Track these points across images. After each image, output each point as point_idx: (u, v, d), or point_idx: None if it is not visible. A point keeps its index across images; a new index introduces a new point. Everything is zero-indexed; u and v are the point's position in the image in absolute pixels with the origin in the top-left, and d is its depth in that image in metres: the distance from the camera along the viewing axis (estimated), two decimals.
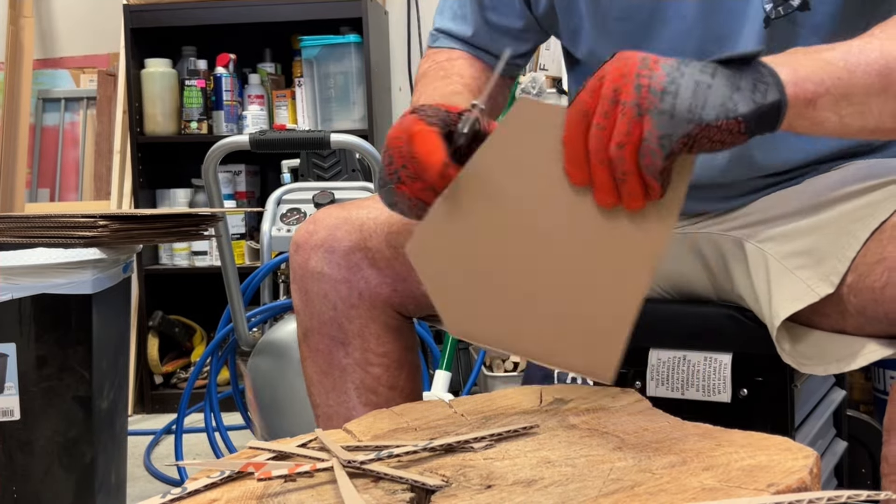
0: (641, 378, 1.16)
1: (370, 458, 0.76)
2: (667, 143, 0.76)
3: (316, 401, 1.18)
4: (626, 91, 0.77)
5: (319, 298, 1.14)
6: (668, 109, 0.76)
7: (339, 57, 3.12)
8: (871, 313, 0.98)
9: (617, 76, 0.77)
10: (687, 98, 0.76)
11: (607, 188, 0.79)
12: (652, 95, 0.76)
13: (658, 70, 0.77)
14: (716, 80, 0.78)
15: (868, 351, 1.00)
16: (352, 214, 1.16)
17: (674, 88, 0.76)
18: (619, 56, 0.79)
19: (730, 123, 0.78)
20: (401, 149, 0.91)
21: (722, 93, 0.78)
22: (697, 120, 0.77)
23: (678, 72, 0.77)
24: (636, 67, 0.77)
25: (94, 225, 1.69)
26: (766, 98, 0.80)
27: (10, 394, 1.68)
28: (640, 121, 0.76)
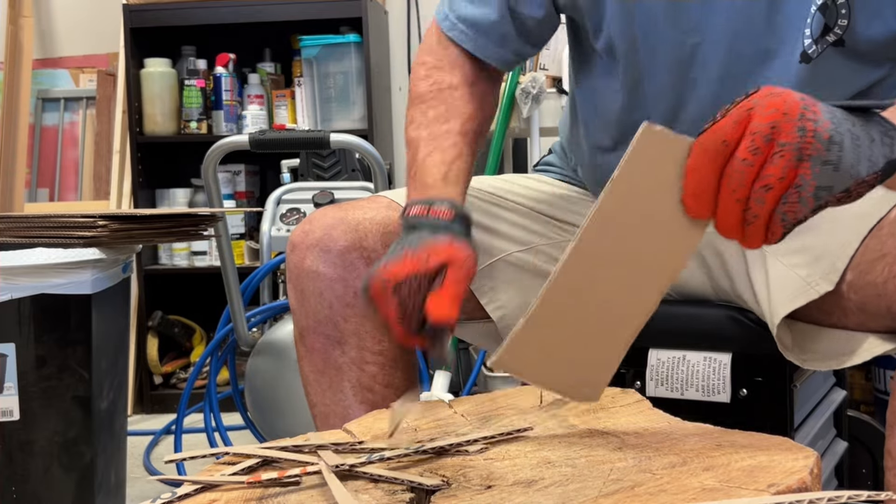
0: (641, 378, 1.16)
1: (361, 460, 0.76)
2: (823, 196, 0.72)
3: (313, 400, 1.18)
4: (788, 132, 0.70)
5: (315, 297, 1.14)
6: (833, 161, 0.71)
7: (338, 57, 3.12)
8: (873, 309, 0.98)
9: (775, 112, 0.71)
10: (850, 151, 0.72)
11: (736, 227, 0.73)
12: (818, 142, 0.70)
13: (821, 115, 0.71)
14: (860, 131, 0.74)
15: (869, 346, 1.00)
16: (348, 215, 1.16)
17: (839, 139, 0.71)
18: (771, 91, 0.72)
19: (873, 177, 0.74)
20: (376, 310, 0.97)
21: (866, 145, 0.74)
22: (856, 175, 0.72)
23: (837, 120, 0.72)
24: (799, 107, 0.71)
25: (94, 225, 1.69)
26: (894, 153, 0.76)
27: (10, 394, 1.68)
28: (797, 166, 0.71)
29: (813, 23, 1.03)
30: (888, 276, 0.95)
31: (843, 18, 1.02)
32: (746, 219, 0.72)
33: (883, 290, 0.96)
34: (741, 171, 0.71)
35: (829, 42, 1.03)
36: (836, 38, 1.03)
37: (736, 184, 0.71)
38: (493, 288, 1.18)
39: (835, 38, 1.03)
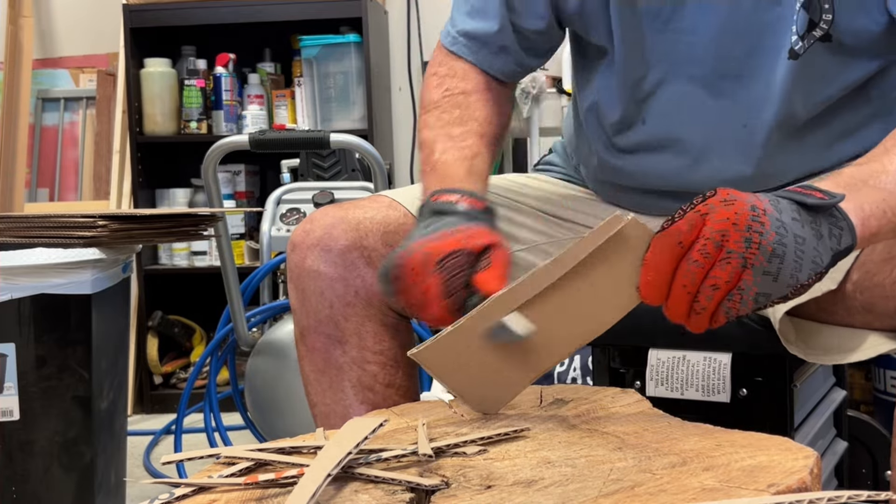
0: (641, 378, 1.16)
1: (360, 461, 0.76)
2: (762, 300, 0.79)
3: (313, 399, 1.18)
4: (735, 241, 0.77)
5: (316, 297, 1.14)
6: (773, 272, 0.78)
7: (338, 57, 3.12)
8: (880, 309, 0.99)
9: (725, 221, 0.77)
10: (790, 263, 0.78)
11: (683, 313, 0.80)
12: (761, 254, 0.77)
13: (768, 226, 0.77)
14: (806, 232, 0.79)
15: (873, 343, 1.01)
16: (348, 214, 1.16)
17: (781, 252, 0.77)
18: (726, 196, 0.79)
19: (816, 277, 0.80)
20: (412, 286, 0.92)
21: (812, 247, 0.79)
22: (794, 283, 0.79)
23: (784, 229, 0.78)
24: (748, 218, 0.77)
25: (94, 225, 1.69)
26: (841, 244, 0.82)
27: (10, 394, 1.68)
28: (741, 272, 0.77)
29: (798, 19, 1.04)
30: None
31: (828, 13, 1.03)
32: (694, 309, 0.80)
33: (891, 291, 0.97)
34: (693, 271, 0.78)
35: (815, 37, 1.04)
36: (822, 34, 1.04)
37: (688, 280, 0.78)
38: None
39: (821, 32, 1.04)
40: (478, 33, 1.19)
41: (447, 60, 1.22)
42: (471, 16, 1.20)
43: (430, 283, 0.91)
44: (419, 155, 1.17)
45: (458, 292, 0.92)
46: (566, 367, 2.38)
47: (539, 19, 1.18)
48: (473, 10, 1.20)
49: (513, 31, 1.18)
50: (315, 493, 0.67)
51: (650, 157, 1.16)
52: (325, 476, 0.69)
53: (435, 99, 1.19)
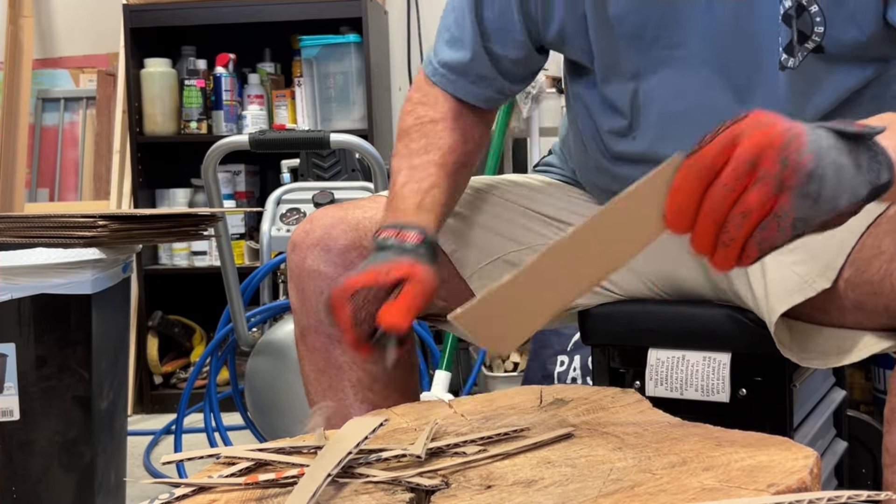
0: (640, 378, 1.16)
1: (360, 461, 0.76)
2: (800, 227, 0.73)
3: (313, 399, 1.19)
4: (771, 162, 0.72)
5: (316, 296, 1.15)
6: (812, 194, 0.72)
7: (338, 57, 3.12)
8: (870, 307, 0.99)
9: (761, 142, 0.72)
10: (831, 185, 0.73)
11: (709, 245, 0.75)
12: (799, 175, 0.72)
13: (805, 147, 0.72)
14: (845, 160, 0.74)
15: (866, 344, 1.01)
16: (348, 214, 1.17)
17: (821, 172, 0.72)
18: (760, 118, 0.74)
19: (854, 206, 0.75)
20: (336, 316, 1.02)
21: (851, 175, 0.74)
22: (834, 207, 0.74)
23: (823, 151, 0.73)
24: (784, 138, 0.72)
25: (94, 225, 1.69)
26: (880, 178, 0.77)
27: (10, 394, 1.68)
28: (776, 196, 0.72)
29: (781, 35, 1.04)
30: (884, 274, 0.96)
31: (819, 25, 1.03)
32: (722, 241, 0.74)
33: (879, 288, 0.97)
34: (722, 195, 0.73)
35: (809, 49, 1.04)
36: (815, 45, 1.04)
37: (716, 206, 0.73)
38: None
39: (814, 45, 1.04)
40: (454, 63, 1.20)
41: (425, 86, 1.24)
42: (449, 45, 1.21)
43: (343, 314, 1.00)
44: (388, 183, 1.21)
45: (365, 323, 1.00)
46: (566, 368, 2.39)
47: (516, 48, 1.19)
48: (452, 38, 1.21)
49: (489, 60, 1.19)
50: (315, 493, 0.67)
51: (644, 168, 1.16)
52: (325, 476, 0.70)
53: (405, 127, 1.22)
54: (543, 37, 1.17)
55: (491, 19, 1.17)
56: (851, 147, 0.75)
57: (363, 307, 1.00)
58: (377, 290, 1.00)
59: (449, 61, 1.21)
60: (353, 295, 1.00)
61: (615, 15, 1.09)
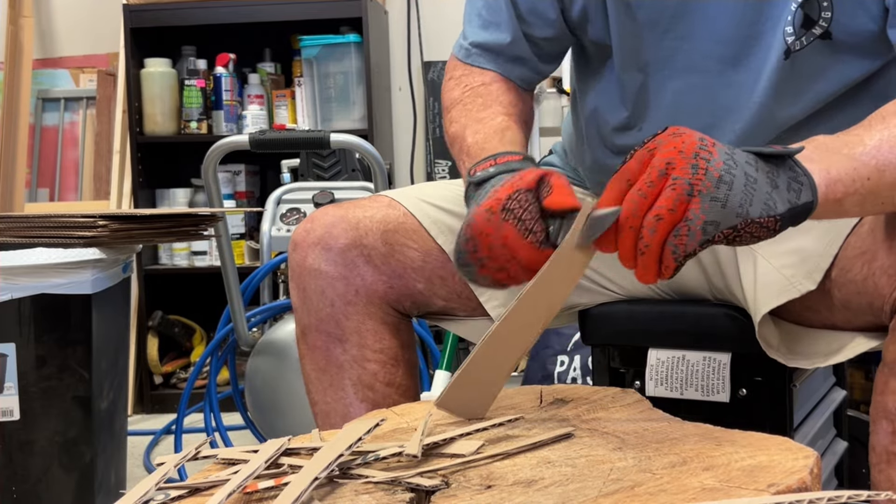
0: (640, 378, 1.16)
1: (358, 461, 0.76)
2: (711, 231, 0.76)
3: (314, 398, 1.19)
4: (681, 168, 0.75)
5: (317, 295, 1.15)
6: (721, 199, 0.75)
7: (338, 57, 3.12)
8: (855, 306, 1.00)
9: (672, 150, 0.76)
10: (739, 191, 0.76)
11: (629, 255, 0.78)
12: (708, 180, 0.75)
13: (716, 155, 0.76)
14: (759, 175, 0.78)
15: (854, 344, 1.02)
16: (348, 213, 1.17)
17: (729, 179, 0.76)
18: (675, 131, 0.78)
19: (769, 220, 0.78)
20: (491, 247, 0.89)
21: (764, 190, 0.78)
22: (745, 215, 0.76)
23: (732, 161, 0.77)
24: (695, 147, 0.76)
25: (94, 225, 1.69)
26: (800, 199, 0.80)
27: (10, 394, 1.68)
28: (687, 201, 0.75)
29: (795, 19, 1.04)
30: (867, 274, 0.97)
31: (827, 10, 1.03)
32: (639, 248, 0.77)
33: (863, 287, 0.98)
34: (635, 200, 0.76)
35: (815, 35, 1.04)
36: (822, 31, 1.04)
37: (630, 212, 0.76)
38: None
39: (821, 30, 1.04)
40: (491, 45, 1.20)
41: (462, 66, 1.22)
42: (484, 28, 1.20)
43: (506, 233, 0.88)
44: (451, 152, 1.16)
45: (536, 226, 0.88)
46: (566, 368, 2.38)
47: (549, 27, 1.18)
48: (486, 22, 1.20)
49: (526, 41, 1.19)
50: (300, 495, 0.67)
51: None
52: (311, 479, 0.70)
53: (456, 97, 1.19)
54: (569, 16, 1.17)
55: (524, 1, 1.17)
56: (769, 167, 0.79)
57: (523, 211, 0.88)
58: (524, 194, 0.89)
59: (484, 42, 1.20)
60: (503, 208, 0.88)
61: (635, 1, 1.09)
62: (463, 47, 1.22)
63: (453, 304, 1.20)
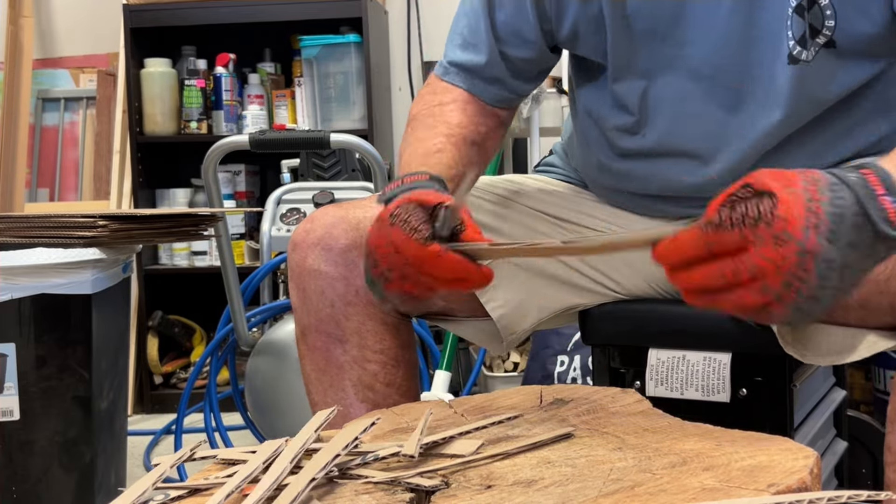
0: (641, 378, 1.16)
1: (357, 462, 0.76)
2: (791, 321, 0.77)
3: (314, 399, 1.18)
4: (774, 281, 0.74)
5: (317, 296, 1.15)
6: (805, 309, 0.75)
7: (338, 57, 3.12)
8: (874, 305, 0.99)
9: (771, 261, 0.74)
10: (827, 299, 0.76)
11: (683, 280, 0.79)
12: (798, 297, 0.74)
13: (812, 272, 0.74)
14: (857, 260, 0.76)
15: (869, 342, 1.01)
16: (349, 214, 1.17)
17: (819, 295, 0.75)
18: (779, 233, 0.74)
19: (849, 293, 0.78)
20: (386, 256, 0.92)
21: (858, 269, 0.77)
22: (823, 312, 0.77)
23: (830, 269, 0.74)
24: (793, 264, 0.73)
25: (94, 225, 1.69)
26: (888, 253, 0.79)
27: (10, 394, 1.68)
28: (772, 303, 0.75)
29: (792, 24, 1.04)
30: (890, 274, 0.96)
31: (830, 19, 1.03)
32: None
33: (885, 287, 0.97)
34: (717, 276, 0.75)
35: (820, 44, 1.04)
36: (826, 40, 1.04)
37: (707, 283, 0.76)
38: (493, 287, 1.18)
39: (825, 39, 1.04)
40: (468, 65, 1.21)
41: (435, 83, 1.24)
42: (463, 48, 1.22)
43: (394, 236, 0.92)
44: None
45: (421, 226, 0.91)
46: (566, 368, 2.38)
47: (528, 49, 1.19)
48: (466, 43, 1.21)
49: (502, 61, 1.20)
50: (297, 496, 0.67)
51: (651, 163, 1.16)
52: (308, 480, 0.70)
53: (413, 114, 1.22)
54: (557, 35, 1.18)
55: (504, 22, 1.18)
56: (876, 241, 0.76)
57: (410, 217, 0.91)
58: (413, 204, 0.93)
59: (462, 62, 1.22)
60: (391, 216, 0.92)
61: (632, 12, 1.09)
62: (442, 65, 1.24)
63: (453, 304, 1.20)
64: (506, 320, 1.18)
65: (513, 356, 2.70)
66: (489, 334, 1.21)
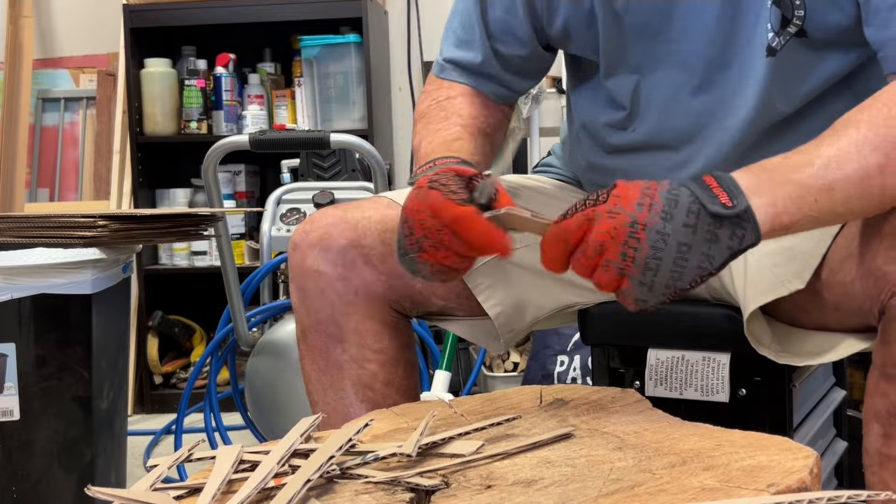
0: (640, 378, 1.16)
1: (357, 462, 0.76)
2: (641, 304, 0.86)
3: (314, 398, 1.19)
4: (612, 252, 0.83)
5: (316, 296, 1.15)
6: (647, 283, 0.84)
7: (338, 57, 3.12)
8: (845, 308, 1.00)
9: (605, 234, 0.83)
10: (666, 273, 0.83)
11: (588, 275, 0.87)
12: (635, 267, 0.83)
13: (644, 241, 0.83)
14: (696, 239, 0.83)
15: (846, 345, 1.03)
16: (347, 214, 1.17)
17: (655, 265, 0.83)
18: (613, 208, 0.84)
19: (702, 278, 0.85)
20: (423, 222, 0.93)
21: (700, 251, 0.83)
22: (673, 290, 0.85)
23: (663, 242, 0.83)
24: (625, 234, 0.83)
25: (94, 225, 1.69)
26: (742, 244, 0.85)
27: (10, 394, 1.68)
28: (619, 280, 0.84)
29: (771, 16, 1.05)
30: (855, 276, 0.97)
31: (800, 9, 1.04)
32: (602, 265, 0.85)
33: (851, 289, 0.98)
34: (581, 263, 0.86)
35: (791, 34, 1.05)
36: (797, 29, 1.05)
37: (578, 269, 0.86)
38: (490, 286, 1.18)
39: (795, 28, 1.05)
40: (464, 62, 1.23)
41: (436, 81, 1.26)
42: (457, 46, 1.23)
43: (432, 200, 0.92)
44: None
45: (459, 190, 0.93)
46: (566, 368, 2.39)
47: (521, 46, 1.21)
48: (459, 41, 1.23)
49: (496, 59, 1.21)
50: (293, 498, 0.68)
51: (638, 157, 1.17)
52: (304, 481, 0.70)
53: (422, 110, 1.23)
54: (548, 32, 1.19)
55: (497, 20, 1.19)
56: (712, 221, 0.83)
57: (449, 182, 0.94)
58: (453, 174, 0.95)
59: (457, 59, 1.23)
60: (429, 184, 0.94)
61: (623, 8, 1.10)
62: (438, 63, 1.26)
63: (452, 303, 1.20)
64: (503, 318, 1.19)
65: (513, 356, 2.70)
66: (487, 333, 1.21)
